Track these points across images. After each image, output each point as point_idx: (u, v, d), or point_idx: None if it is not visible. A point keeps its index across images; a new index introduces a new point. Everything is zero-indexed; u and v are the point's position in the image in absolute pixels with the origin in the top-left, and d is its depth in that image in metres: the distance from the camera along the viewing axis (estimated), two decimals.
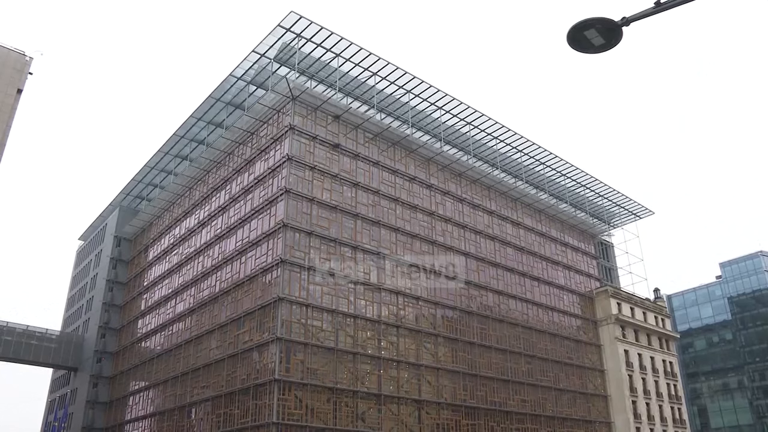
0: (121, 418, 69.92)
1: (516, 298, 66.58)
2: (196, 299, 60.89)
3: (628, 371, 74.14)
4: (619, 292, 79.57)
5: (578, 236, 79.52)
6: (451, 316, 59.59)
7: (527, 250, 70.50)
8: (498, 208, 69.32)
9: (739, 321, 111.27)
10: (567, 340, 70.67)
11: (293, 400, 47.12)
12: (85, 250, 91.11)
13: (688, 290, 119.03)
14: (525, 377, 63.39)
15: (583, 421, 68.24)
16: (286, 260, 49.28)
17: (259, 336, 49.93)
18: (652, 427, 74.34)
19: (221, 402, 52.31)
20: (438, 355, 56.87)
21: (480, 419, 57.58)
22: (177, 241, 67.89)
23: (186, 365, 59.03)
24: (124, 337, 74.86)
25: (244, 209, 56.75)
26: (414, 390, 53.97)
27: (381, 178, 58.91)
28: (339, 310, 51.01)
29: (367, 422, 50.00)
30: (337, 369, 49.60)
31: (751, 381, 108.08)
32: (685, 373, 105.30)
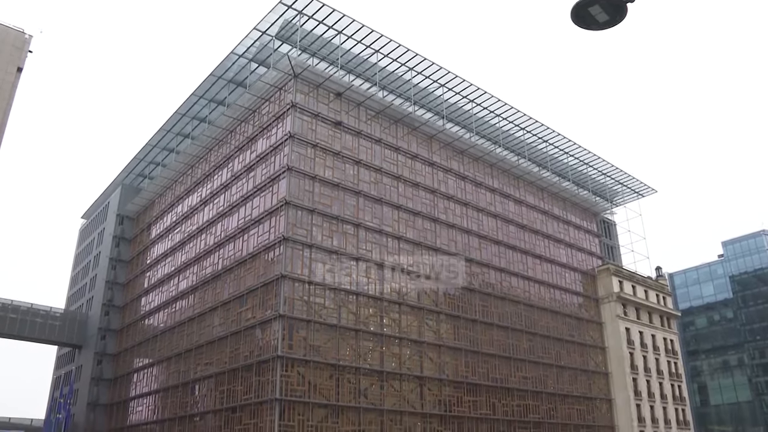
0: (125, 394, 70.57)
1: (518, 276, 66.77)
2: (198, 277, 61.15)
3: (629, 349, 74.51)
4: (620, 270, 79.73)
5: (580, 214, 79.54)
6: (453, 294, 59.83)
7: (529, 227, 70.56)
8: (500, 185, 69.29)
9: (741, 299, 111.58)
10: (568, 317, 70.97)
11: (296, 377, 47.47)
12: (88, 229, 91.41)
13: (690, 269, 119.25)
14: (526, 354, 63.76)
15: (584, 398, 68.75)
16: (288, 238, 49.37)
17: (261, 313, 50.21)
18: (652, 404, 74.86)
19: (224, 378, 52.74)
20: (440, 332, 57.18)
21: (481, 396, 58.02)
22: (179, 219, 68.04)
23: (189, 342, 59.43)
24: (127, 314, 75.31)
25: (246, 187, 56.77)
26: (416, 366, 54.36)
27: (383, 155, 58.84)
28: (341, 288, 51.22)
29: (370, 398, 50.44)
30: (340, 346, 49.91)
31: (750, 359, 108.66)
32: (686, 351, 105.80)
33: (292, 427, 45.90)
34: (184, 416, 57.72)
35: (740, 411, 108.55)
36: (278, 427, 45.12)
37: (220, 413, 52.56)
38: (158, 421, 62.49)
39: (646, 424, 72.81)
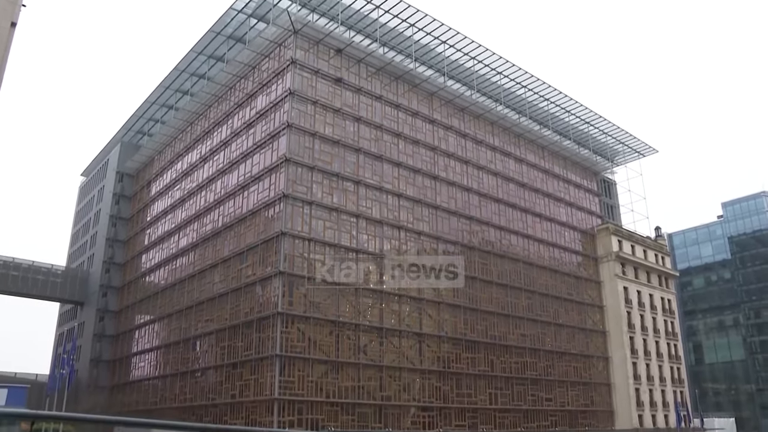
0: (127, 350, 71.34)
1: (517, 234, 66.89)
2: (199, 234, 61.27)
3: (627, 308, 75.08)
4: (620, 229, 79.89)
5: (581, 173, 79.37)
6: (453, 251, 60.02)
7: (529, 186, 70.45)
8: (501, 143, 68.98)
9: (738, 260, 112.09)
10: (567, 276, 71.34)
11: (296, 333, 47.91)
12: (88, 186, 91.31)
13: (689, 229, 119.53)
14: (525, 312, 64.26)
15: (581, 356, 69.51)
16: (288, 195, 49.35)
17: (262, 270, 50.46)
18: (648, 362, 75.73)
19: (225, 335, 53.25)
20: (439, 290, 57.52)
21: (480, 353, 58.64)
22: (179, 176, 67.90)
23: (190, 299, 59.82)
24: (128, 272, 75.67)
25: (246, 144, 56.51)
26: (415, 323, 54.84)
27: (383, 112, 58.45)
28: (341, 245, 51.36)
29: (369, 354, 50.98)
30: (339, 302, 50.30)
31: (746, 319, 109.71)
32: (683, 311, 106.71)
33: (292, 383, 46.49)
34: (185, 372, 58.43)
35: (733, 369, 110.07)
36: (278, 382, 45.69)
37: (221, 369, 53.18)
38: (160, 376, 63.28)
39: (642, 382, 73.79)
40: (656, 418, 74.51)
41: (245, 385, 49.20)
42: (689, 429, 73.13)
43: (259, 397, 47.14)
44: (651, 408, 74.20)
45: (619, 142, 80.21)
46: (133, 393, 67.47)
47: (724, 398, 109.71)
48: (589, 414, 68.26)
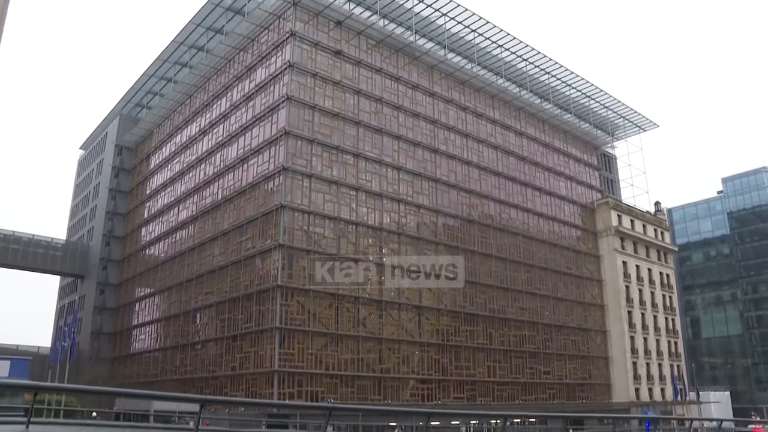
0: (128, 323, 71.71)
1: (517, 208, 66.89)
2: (198, 207, 61.28)
3: (626, 282, 75.37)
4: (620, 204, 79.93)
5: (581, 147, 79.15)
6: (452, 224, 60.10)
7: (529, 159, 70.29)
8: (501, 117, 68.70)
9: (738, 236, 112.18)
10: (566, 250, 71.46)
11: (295, 306, 48.14)
12: (87, 159, 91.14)
13: (689, 204, 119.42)
14: (524, 286, 64.47)
15: (580, 330, 69.91)
16: (288, 167, 49.29)
17: (261, 243, 50.58)
18: (645, 336, 76.19)
19: (225, 307, 53.51)
20: None
21: (478, 326, 58.93)
22: (178, 149, 67.72)
23: (190, 272, 59.98)
24: (128, 245, 75.80)
25: (246, 116, 56.29)
26: (414, 296, 55.06)
27: (384, 85, 58.13)
28: (341, 218, 51.42)
29: (368, 327, 51.27)
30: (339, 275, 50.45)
31: (744, 294, 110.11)
32: (681, 286, 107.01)
33: (292, 355, 46.81)
34: (186, 344, 58.79)
35: (730, 344, 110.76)
36: (278, 354, 46.01)
37: (221, 341, 53.53)
38: (161, 349, 63.70)
39: (639, 355, 74.32)
40: (653, 391, 75.15)
41: (245, 358, 49.53)
42: (685, 402, 73.77)
43: (259, 369, 47.48)
44: (648, 381, 74.81)
45: (619, 116, 79.88)
46: (134, 365, 67.95)
47: (720, 372, 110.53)
48: (586, 387, 68.85)
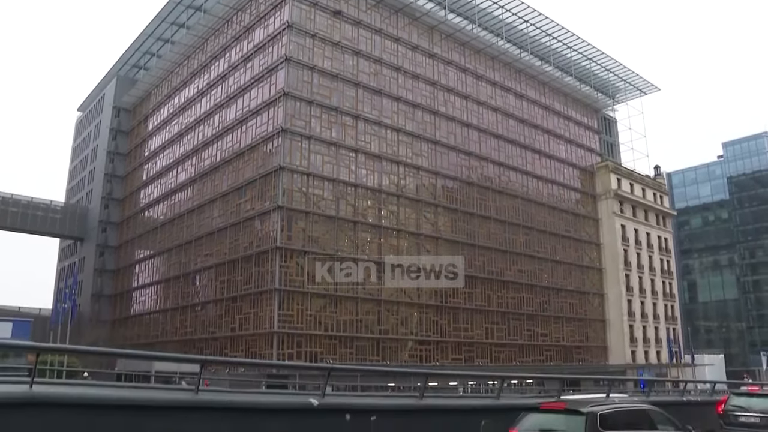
0: (128, 285, 72.03)
1: (516, 170, 66.71)
2: (197, 169, 61.14)
3: (624, 245, 75.57)
4: (619, 167, 79.78)
5: (581, 110, 78.66)
6: (452, 186, 60.05)
7: (529, 122, 69.87)
8: (501, 79, 68.13)
9: (737, 201, 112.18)
10: (565, 213, 71.45)
11: (295, 267, 48.35)
12: (84, 121, 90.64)
13: (689, 168, 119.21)
14: (522, 248, 64.59)
15: (577, 292, 70.28)
16: (286, 129, 49.12)
17: (260, 205, 50.61)
18: (643, 299, 76.65)
19: (224, 269, 53.73)
20: (437, 225, 57.73)
21: (477, 288, 59.19)
22: (176, 111, 67.30)
23: (189, 234, 60.08)
24: (127, 207, 75.78)
25: (244, 78, 55.85)
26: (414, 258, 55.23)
27: (383, 46, 57.57)
28: (340, 179, 51.35)
29: (367, 289, 51.49)
30: (338, 237, 50.55)
31: (741, 258, 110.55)
32: (679, 250, 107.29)
33: (291, 316, 47.15)
34: (186, 306, 59.17)
35: (726, 308, 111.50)
36: (278, 316, 46.36)
37: (220, 303, 53.86)
38: (161, 310, 64.11)
39: (636, 319, 74.86)
40: (648, 353, 75.88)
41: (245, 319, 49.89)
42: (680, 364, 74.52)
43: (259, 330, 47.87)
44: (644, 344, 75.48)
45: (620, 79, 79.19)
46: (135, 327, 68.42)
47: (715, 335, 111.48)
48: (583, 349, 69.46)
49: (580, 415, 10.62)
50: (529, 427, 11.05)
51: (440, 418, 12.54)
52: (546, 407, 11.59)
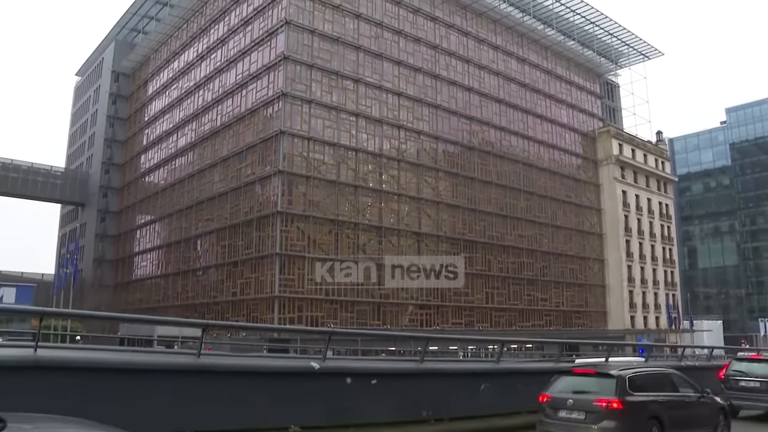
0: (129, 250, 72.25)
1: (518, 135, 66.34)
2: (197, 133, 60.91)
3: (625, 211, 75.50)
4: (621, 133, 79.34)
5: (584, 75, 77.93)
6: (453, 151, 59.84)
7: (531, 86, 69.25)
8: (503, 43, 67.36)
9: (739, 167, 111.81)
10: (566, 178, 71.26)
11: (296, 232, 48.49)
12: (83, 86, 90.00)
13: (691, 134, 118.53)
14: (523, 213, 64.55)
15: (578, 258, 70.42)
16: (287, 93, 48.86)
17: (261, 169, 50.55)
18: (642, 265, 76.83)
19: (225, 234, 53.86)
20: (438, 190, 57.70)
21: (477, 252, 59.36)
22: (176, 75, 66.76)
23: (190, 199, 60.09)
24: (127, 172, 75.62)
25: (244, 41, 55.31)
26: (414, 223, 55.31)
27: (384, 9, 56.86)
28: (340, 144, 51.22)
29: (368, 253, 51.67)
30: (339, 201, 50.58)
31: (741, 225, 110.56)
32: (680, 216, 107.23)
33: (292, 281, 47.40)
34: (187, 270, 59.45)
35: (725, 274, 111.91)
36: (279, 280, 46.61)
37: (222, 267, 54.09)
38: (162, 275, 64.39)
39: (635, 284, 75.14)
40: (648, 319, 76.33)
41: (246, 284, 50.16)
42: (679, 330, 75.05)
43: (260, 294, 48.15)
44: (643, 310, 75.88)
45: (624, 43, 78.19)
46: (137, 291, 68.80)
47: (714, 302, 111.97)
48: (582, 314, 69.84)
49: (611, 378, 11.63)
50: (563, 389, 11.93)
51: (440, 381, 12.64)
52: (578, 371, 12.68)
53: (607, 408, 11.03)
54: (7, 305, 33.53)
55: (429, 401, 12.03)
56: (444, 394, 12.44)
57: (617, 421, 10.95)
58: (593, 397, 11.37)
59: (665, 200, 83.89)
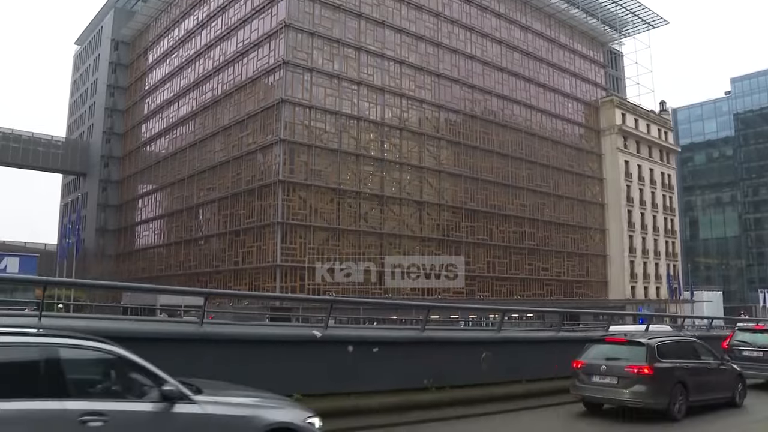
0: (131, 219, 72.31)
1: (520, 104, 65.85)
2: (198, 102, 60.59)
3: (627, 181, 75.29)
4: (624, 102, 78.77)
5: (587, 43, 77.07)
6: (455, 120, 59.57)
7: (534, 55, 68.48)
8: (506, 10, 66.49)
9: (742, 137, 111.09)
10: (569, 147, 70.93)
11: (297, 201, 48.53)
12: (83, 55, 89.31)
13: (695, 104, 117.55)
14: (525, 182, 64.41)
15: (579, 227, 70.43)
16: (288, 61, 48.55)
17: (262, 138, 50.43)
18: (644, 235, 76.85)
19: (227, 203, 53.90)
20: (440, 158, 57.57)
21: (479, 221, 59.40)
22: (176, 43, 66.13)
23: (191, 168, 59.99)
24: (129, 141, 75.37)
25: (245, 9, 54.75)
26: (416, 192, 55.28)
27: None
28: (342, 112, 51.01)
29: (370, 222, 51.78)
30: (341, 170, 50.52)
31: (744, 196, 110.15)
32: (682, 186, 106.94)
33: (294, 249, 47.54)
34: (189, 240, 59.61)
35: (726, 245, 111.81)
36: (280, 249, 46.76)
37: (224, 236, 54.24)
38: (165, 244, 64.60)
39: (637, 255, 75.26)
40: (648, 289, 76.59)
41: (248, 252, 50.32)
42: (679, 300, 75.34)
43: (262, 263, 48.34)
44: (644, 280, 76.10)
45: (628, 11, 77.05)
46: (139, 261, 69.04)
47: (714, 272, 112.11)
48: (583, 284, 70.04)
49: (641, 346, 12.49)
50: (596, 356, 12.73)
51: (441, 350, 12.69)
52: (609, 340, 13.53)
53: (638, 373, 11.89)
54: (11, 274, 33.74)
55: (430, 369, 12.10)
56: (445, 363, 12.51)
57: (647, 385, 11.84)
58: (625, 363, 12.22)
59: (667, 171, 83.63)
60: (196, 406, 6.07)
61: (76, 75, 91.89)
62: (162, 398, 5.93)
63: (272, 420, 6.48)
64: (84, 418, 5.39)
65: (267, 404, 6.82)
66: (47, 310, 11.43)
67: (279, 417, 6.57)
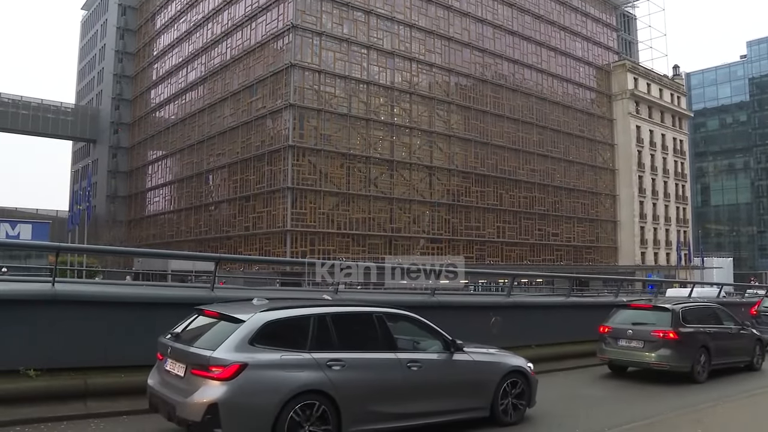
0: (142, 186, 72.49)
1: (531, 68, 65.12)
2: (207, 67, 60.19)
3: (638, 147, 74.70)
4: (636, 66, 77.75)
5: (600, 6, 75.79)
6: (465, 84, 59.03)
7: (545, 18, 67.45)
8: None
9: (757, 103, 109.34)
10: (580, 112, 70.26)
11: (307, 166, 48.45)
12: (90, 20, 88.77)
13: (709, 69, 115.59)
14: (536, 147, 64.03)
15: (590, 193, 70.12)
16: (297, 25, 48.09)
17: (272, 103, 50.17)
18: (655, 201, 76.47)
19: (237, 168, 53.90)
20: (450, 123, 57.23)
21: (489, 186, 59.25)
22: (184, 8, 65.47)
23: (201, 134, 59.86)
24: (138, 107, 75.18)
25: None
26: (426, 156, 55.11)
27: None
28: (352, 76, 50.65)
29: (380, 187, 51.72)
30: (350, 135, 50.35)
31: (757, 162, 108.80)
32: (694, 152, 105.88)
33: (304, 215, 47.61)
34: (199, 206, 59.78)
35: (738, 212, 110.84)
36: (291, 214, 46.84)
37: (234, 202, 54.33)
38: (175, 210, 64.80)
39: (647, 220, 75.02)
40: (658, 255, 76.48)
41: (258, 218, 50.43)
42: (689, 267, 75.15)
43: (272, 229, 48.47)
44: (654, 246, 75.94)
45: None
46: (150, 227, 69.39)
47: (725, 239, 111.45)
48: (593, 250, 70.00)
49: (666, 312, 13.00)
50: (622, 321, 13.29)
51: (451, 314, 12.67)
52: (635, 306, 13.92)
53: (664, 338, 12.47)
54: (25, 241, 33.99)
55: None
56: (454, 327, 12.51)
57: (672, 349, 12.41)
58: (651, 328, 12.74)
59: (680, 136, 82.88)
60: (466, 355, 8.47)
61: (83, 41, 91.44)
62: (447, 349, 8.35)
63: (512, 364, 8.99)
64: (409, 365, 7.77)
65: (504, 353, 9.35)
66: (59, 276, 11.52)
67: (514, 362, 9.08)
